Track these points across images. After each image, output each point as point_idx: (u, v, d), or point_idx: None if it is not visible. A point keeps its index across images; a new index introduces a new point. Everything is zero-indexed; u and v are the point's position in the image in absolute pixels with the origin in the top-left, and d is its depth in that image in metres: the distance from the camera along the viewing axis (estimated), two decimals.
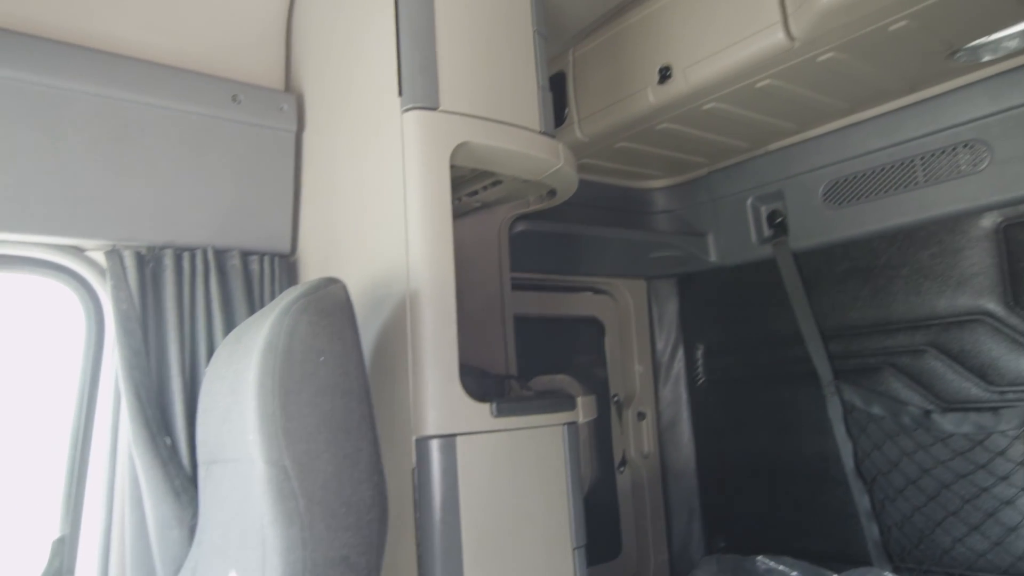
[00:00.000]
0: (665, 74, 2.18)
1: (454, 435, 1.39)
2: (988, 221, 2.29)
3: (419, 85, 1.52)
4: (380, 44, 1.62)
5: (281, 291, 1.92)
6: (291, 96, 2.03)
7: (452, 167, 1.55)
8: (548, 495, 1.55)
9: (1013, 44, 2.06)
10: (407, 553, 1.40)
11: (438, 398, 1.39)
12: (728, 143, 2.65)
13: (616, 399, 3.00)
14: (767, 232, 2.81)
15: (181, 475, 1.68)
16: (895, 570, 2.44)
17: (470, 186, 1.93)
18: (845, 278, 2.62)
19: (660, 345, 3.18)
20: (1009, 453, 2.21)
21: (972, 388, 2.30)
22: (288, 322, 1.21)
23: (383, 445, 1.38)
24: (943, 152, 2.30)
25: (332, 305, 1.27)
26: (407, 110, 1.51)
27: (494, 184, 1.89)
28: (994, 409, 2.23)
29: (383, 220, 1.55)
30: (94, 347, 1.83)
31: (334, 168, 1.86)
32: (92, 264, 1.80)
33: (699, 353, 3.13)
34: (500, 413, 1.45)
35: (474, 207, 2.10)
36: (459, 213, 2.11)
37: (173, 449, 1.71)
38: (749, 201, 2.83)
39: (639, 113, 2.30)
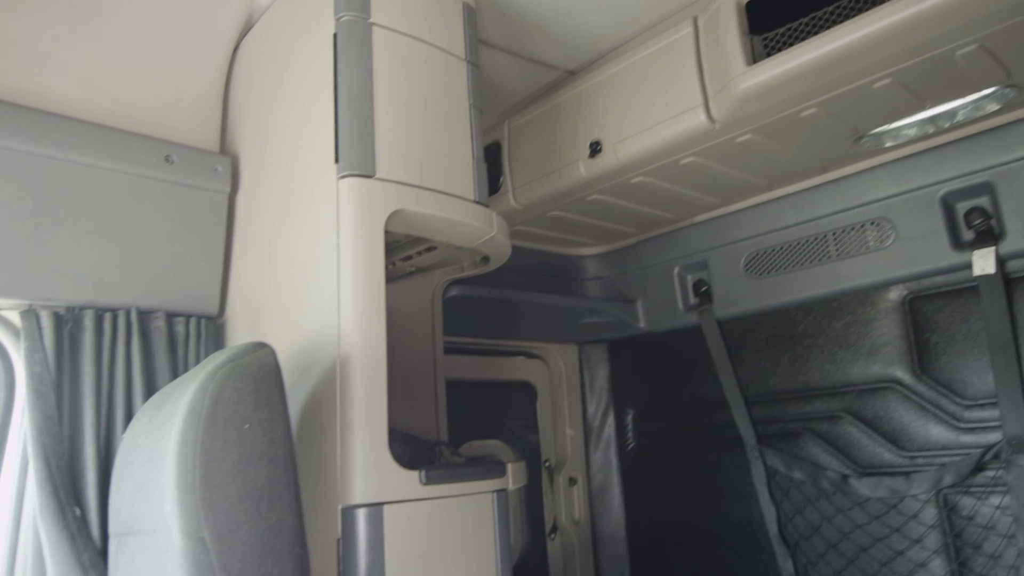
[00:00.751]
0: (595, 148, 2.28)
1: (381, 504, 1.37)
2: (895, 294, 2.44)
3: (356, 153, 1.55)
4: (318, 111, 1.65)
5: (207, 354, 1.88)
6: (226, 158, 2.03)
7: (386, 233, 1.57)
8: (477, 564, 1.53)
9: (911, 132, 2.24)
10: None
11: (366, 466, 1.37)
12: (656, 214, 2.77)
13: (547, 464, 3.00)
14: (693, 300, 2.91)
15: (90, 548, 1.59)
16: None
17: (404, 251, 1.95)
18: (766, 346, 2.73)
19: (591, 410, 3.21)
20: (921, 516, 2.31)
21: (885, 453, 2.40)
22: (213, 388, 1.19)
23: (308, 514, 1.35)
24: (853, 229, 2.46)
25: (260, 371, 1.25)
26: (343, 177, 1.53)
27: (428, 250, 1.92)
28: (906, 474, 2.33)
29: (315, 284, 1.55)
30: (2, 411, 1.74)
31: (267, 230, 1.85)
32: (6, 324, 1.72)
33: (629, 418, 3.18)
34: (429, 481, 1.44)
35: (408, 271, 2.12)
36: (393, 277, 2.12)
37: (83, 520, 1.62)
38: (676, 270, 2.93)
39: (571, 184, 2.39)
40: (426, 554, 1.44)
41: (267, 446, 1.21)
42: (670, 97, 2.09)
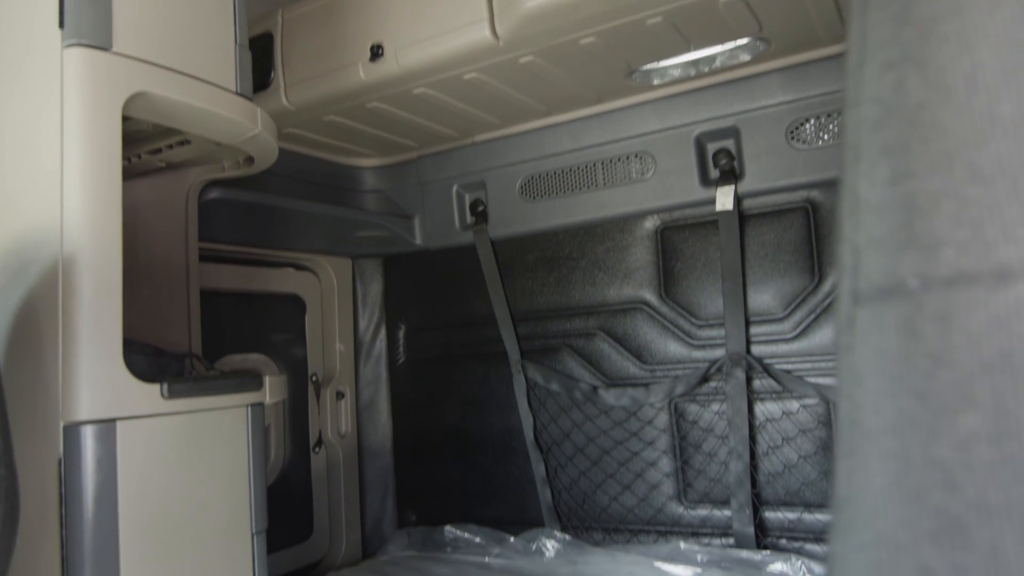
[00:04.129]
0: (377, 52, 2.16)
1: (114, 420, 1.24)
2: (650, 223, 2.65)
3: (87, 18, 1.31)
4: None
5: None
6: None
7: (128, 119, 1.37)
8: (227, 481, 1.46)
9: (676, 73, 2.40)
10: (50, 553, 1.22)
11: (94, 378, 1.22)
12: (437, 130, 2.72)
13: (315, 378, 2.93)
14: (469, 219, 2.94)
15: None
16: (563, 529, 2.73)
17: (152, 143, 1.73)
18: (535, 266, 2.85)
19: (363, 324, 3.17)
20: (655, 422, 2.59)
21: (631, 367, 2.65)
22: None
23: (22, 433, 1.18)
24: (619, 160, 2.60)
25: None
26: (69, 46, 1.30)
27: (181, 144, 1.72)
28: (646, 385, 2.60)
29: (32, 171, 1.32)
30: None
31: None
32: None
33: (401, 333, 3.19)
34: (172, 395, 1.33)
35: (157, 167, 1.89)
36: (138, 172, 1.88)
37: None
38: (454, 188, 2.94)
39: (349, 88, 2.26)
40: (169, 472, 1.34)
41: None
42: (456, 7, 2.03)
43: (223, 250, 2.50)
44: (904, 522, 0.33)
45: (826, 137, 2.29)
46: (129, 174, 1.85)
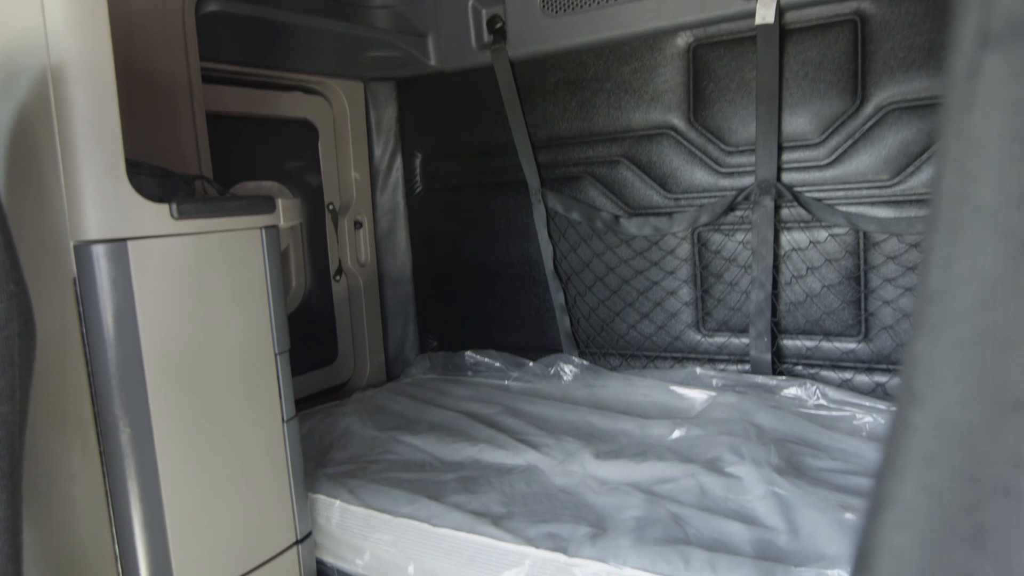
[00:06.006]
0: None
1: (124, 239, 1.20)
2: (681, 40, 2.45)
3: None
4: None
5: None
6: None
7: None
8: (246, 302, 1.45)
9: None
10: (76, 370, 1.23)
11: (100, 197, 1.17)
12: None
13: (331, 207, 2.89)
14: (487, 37, 2.75)
15: None
16: (580, 355, 2.78)
17: None
18: (556, 89, 2.69)
19: (377, 152, 3.07)
20: (677, 252, 2.55)
21: (654, 195, 2.56)
22: None
23: (34, 251, 1.16)
24: None
25: None
26: None
27: None
28: (669, 214, 2.53)
29: None
30: None
31: None
32: None
33: (417, 161, 3.09)
34: (182, 215, 1.29)
35: None
36: None
37: None
38: (470, 2, 2.72)
39: None
40: (186, 292, 1.32)
41: None
42: None
43: (228, 71, 2.36)
44: (1019, 314, 0.27)
45: None
46: None
